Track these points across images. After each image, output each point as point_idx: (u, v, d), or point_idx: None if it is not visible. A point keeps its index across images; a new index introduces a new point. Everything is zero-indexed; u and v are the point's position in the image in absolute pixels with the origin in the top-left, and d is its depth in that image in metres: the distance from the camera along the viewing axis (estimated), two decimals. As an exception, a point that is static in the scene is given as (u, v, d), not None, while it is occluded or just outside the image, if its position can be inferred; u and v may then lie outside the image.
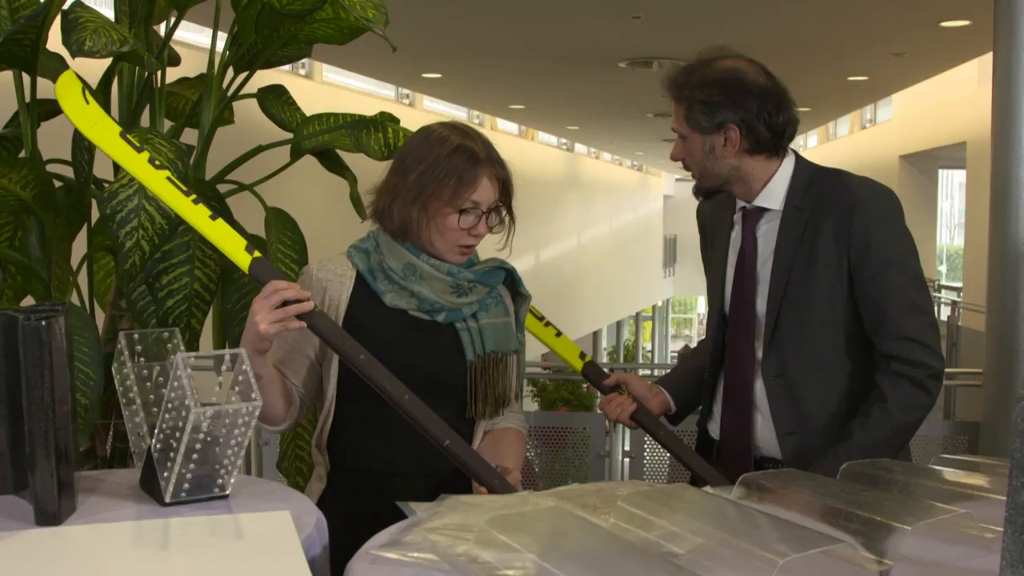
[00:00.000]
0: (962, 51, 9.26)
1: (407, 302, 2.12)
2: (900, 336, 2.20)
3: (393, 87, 13.44)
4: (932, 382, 2.21)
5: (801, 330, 2.26)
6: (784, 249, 2.29)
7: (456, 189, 2.06)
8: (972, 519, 1.52)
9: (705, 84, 2.29)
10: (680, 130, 2.33)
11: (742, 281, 2.36)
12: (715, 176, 2.35)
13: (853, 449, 2.15)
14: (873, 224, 2.21)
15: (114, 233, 2.41)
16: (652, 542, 1.42)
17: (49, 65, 2.92)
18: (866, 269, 2.21)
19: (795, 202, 2.30)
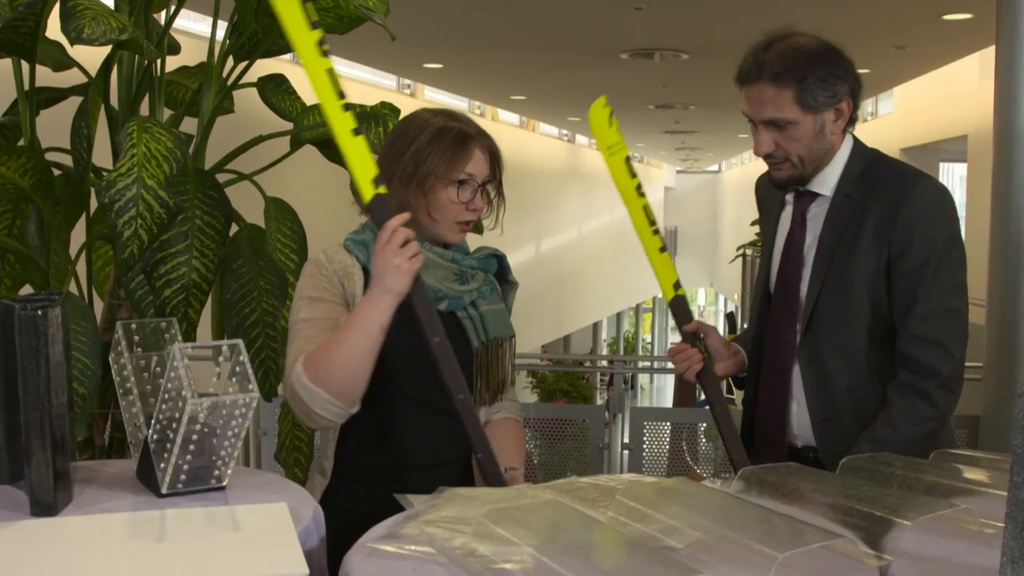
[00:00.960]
0: (964, 44, 9.23)
1: None
2: (920, 337, 2.16)
3: (394, 77, 13.41)
4: (941, 393, 2.15)
5: (838, 317, 2.23)
6: (829, 235, 2.25)
7: (451, 161, 2.07)
8: (972, 514, 1.51)
9: (815, 58, 2.19)
10: (784, 116, 2.20)
11: (788, 263, 2.33)
12: (818, 159, 2.26)
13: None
14: (919, 219, 2.16)
15: (112, 222, 2.40)
16: (650, 536, 1.42)
17: (48, 52, 2.91)
18: (905, 264, 2.17)
19: (846, 189, 2.26)
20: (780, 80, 2.17)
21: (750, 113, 2.25)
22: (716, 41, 8.52)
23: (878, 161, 2.29)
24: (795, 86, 2.16)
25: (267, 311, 2.67)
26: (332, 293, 2.06)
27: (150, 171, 2.43)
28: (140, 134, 2.50)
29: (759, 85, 2.20)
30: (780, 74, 2.17)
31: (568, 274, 20.50)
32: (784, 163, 2.26)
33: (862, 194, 2.23)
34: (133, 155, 2.44)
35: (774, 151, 2.24)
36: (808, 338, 2.26)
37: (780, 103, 2.18)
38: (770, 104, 2.19)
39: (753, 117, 2.24)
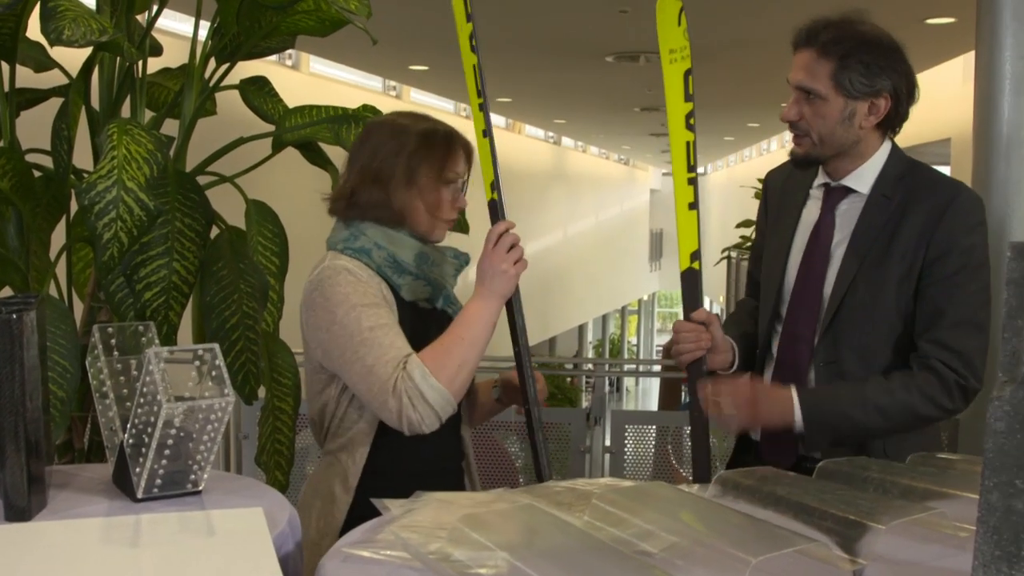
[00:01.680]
0: (947, 48, 9.29)
1: (420, 292, 2.15)
2: (945, 345, 2.13)
3: (380, 79, 13.41)
4: (958, 392, 2.14)
5: (862, 319, 2.19)
6: (864, 233, 2.20)
7: (444, 162, 2.14)
8: (946, 518, 1.52)
9: (867, 44, 2.16)
10: (817, 88, 2.17)
11: (813, 260, 2.27)
12: (838, 145, 2.21)
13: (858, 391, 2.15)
14: (962, 229, 2.14)
15: (92, 224, 2.39)
16: (625, 541, 1.42)
17: (30, 53, 2.90)
18: (940, 270, 2.14)
19: (883, 189, 2.22)
20: (826, 51, 2.16)
21: (790, 78, 2.23)
22: (701, 44, 8.55)
23: (918, 167, 2.27)
24: (836, 62, 2.14)
25: (248, 314, 2.66)
26: (381, 298, 2.07)
27: (130, 173, 2.43)
28: (121, 136, 2.49)
29: (807, 51, 2.19)
30: (826, 45, 2.16)
31: (554, 276, 20.51)
32: (804, 138, 2.23)
33: (902, 196, 2.19)
34: (114, 157, 2.44)
35: (798, 122, 2.22)
36: (828, 338, 2.22)
37: (816, 73, 2.16)
38: (806, 71, 2.18)
39: (791, 82, 2.22)
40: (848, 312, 2.19)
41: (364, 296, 2.05)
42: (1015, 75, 3.21)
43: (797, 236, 2.33)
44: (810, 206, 2.33)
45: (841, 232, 2.25)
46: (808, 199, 2.34)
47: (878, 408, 2.13)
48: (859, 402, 2.14)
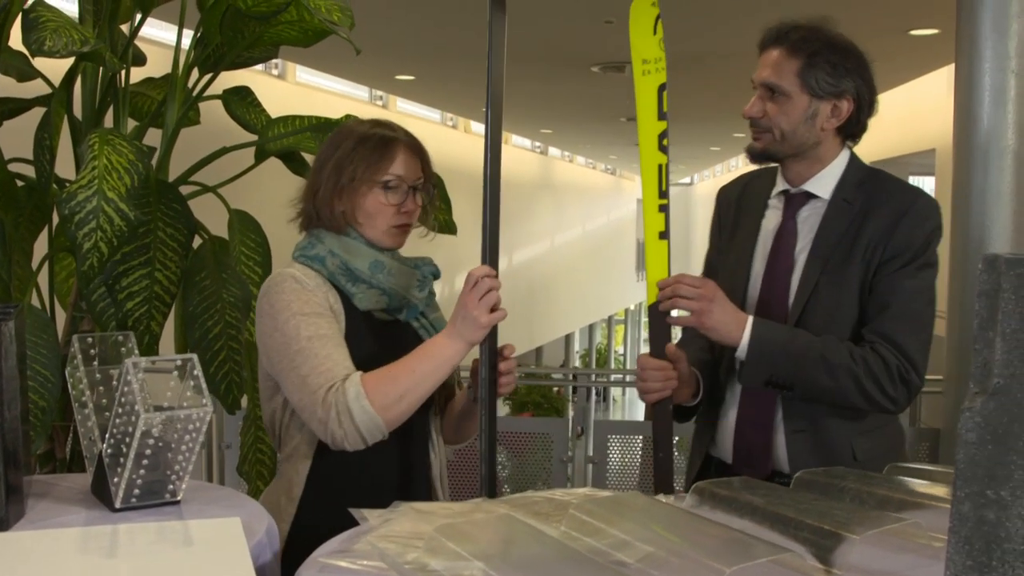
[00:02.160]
0: (931, 59, 9.34)
1: (376, 301, 2.08)
2: (888, 337, 2.15)
3: (367, 88, 13.41)
4: (901, 383, 2.15)
5: (826, 322, 2.20)
6: (826, 238, 2.23)
7: (375, 164, 2.07)
8: (921, 528, 1.53)
9: (834, 45, 2.20)
10: (782, 85, 2.19)
11: (776, 267, 2.28)
12: (798, 144, 2.23)
13: (811, 339, 2.15)
14: (918, 231, 2.18)
15: (72, 234, 2.39)
16: (601, 551, 1.42)
17: (12, 63, 2.90)
18: (889, 267, 2.17)
19: (844, 194, 2.24)
20: (794, 49, 2.19)
21: (755, 76, 2.25)
22: (686, 54, 8.57)
23: (878, 173, 2.30)
24: (804, 60, 2.18)
25: (230, 324, 2.66)
26: (324, 307, 2.03)
27: (111, 183, 2.43)
28: (102, 146, 2.49)
29: (774, 50, 2.22)
30: (795, 43, 2.19)
31: (540, 286, 20.53)
32: (765, 134, 2.24)
33: (863, 201, 2.22)
34: (94, 167, 2.44)
35: (760, 119, 2.24)
36: None
37: (783, 70, 2.19)
38: (774, 68, 2.21)
39: (756, 79, 2.25)
40: (812, 317, 2.20)
41: (306, 305, 2.01)
42: (994, 86, 3.24)
43: (758, 246, 2.33)
44: (769, 215, 2.34)
45: (804, 238, 2.27)
46: (767, 209, 2.35)
47: (824, 359, 2.13)
48: (807, 348, 2.14)
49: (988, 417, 1.18)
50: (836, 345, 2.15)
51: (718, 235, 2.49)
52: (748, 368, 2.17)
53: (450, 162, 17.17)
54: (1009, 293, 1.17)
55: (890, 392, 2.14)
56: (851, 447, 2.22)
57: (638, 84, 2.19)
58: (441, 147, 17.09)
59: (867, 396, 2.14)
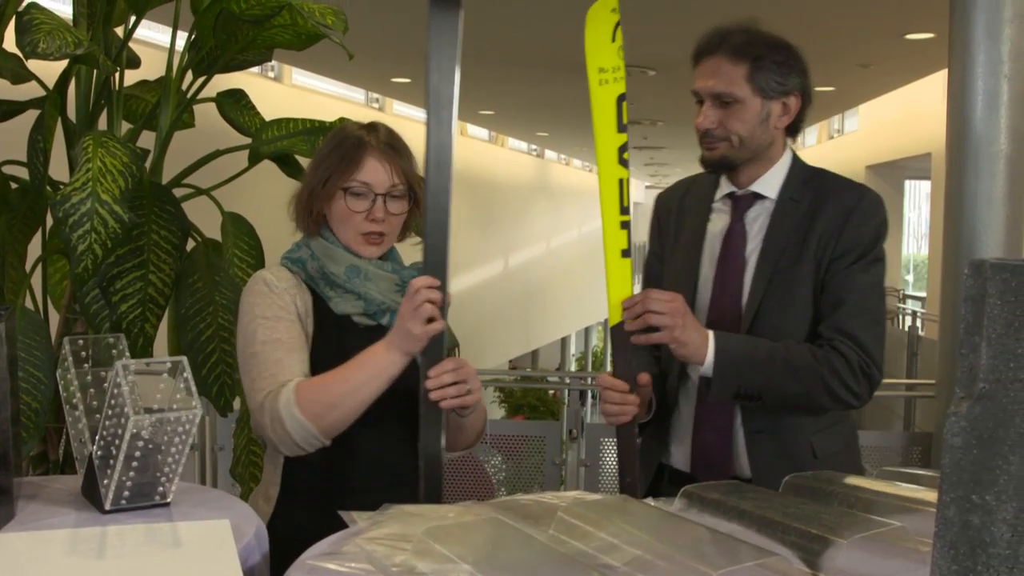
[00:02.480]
0: (927, 63, 9.36)
1: (353, 306, 2.06)
2: (845, 332, 2.15)
3: (363, 91, 13.42)
4: (863, 377, 2.14)
5: (781, 321, 2.19)
6: (776, 238, 2.22)
7: (343, 169, 2.04)
8: (908, 533, 1.53)
9: (775, 45, 2.19)
10: (734, 92, 2.16)
11: (728, 270, 2.26)
12: (755, 148, 2.22)
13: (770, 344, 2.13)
14: (866, 228, 2.18)
15: (66, 236, 2.39)
16: (588, 554, 1.43)
17: (7, 65, 2.90)
18: (841, 264, 2.17)
19: (791, 193, 2.24)
20: (738, 55, 2.16)
21: (698, 87, 2.21)
22: (683, 58, 8.53)
23: (821, 172, 2.30)
24: (750, 63, 2.16)
25: (223, 326, 2.67)
26: (287, 311, 2.02)
27: (105, 185, 2.43)
28: (96, 148, 2.49)
29: (716, 58, 2.18)
30: (739, 48, 2.16)
31: (537, 289, 20.55)
32: (721, 143, 2.21)
33: (811, 200, 2.22)
34: (88, 169, 2.44)
35: (714, 129, 2.20)
36: None
37: (733, 78, 2.16)
38: (722, 78, 2.17)
39: (702, 91, 2.20)
40: (767, 317, 2.19)
41: (268, 308, 2.02)
42: (987, 91, 3.25)
43: (705, 250, 2.31)
44: (715, 219, 2.32)
45: (753, 239, 2.25)
46: (712, 212, 2.33)
47: (787, 363, 2.12)
48: (770, 356, 2.12)
49: (974, 422, 1.18)
50: (797, 348, 2.15)
51: (659, 242, 2.46)
52: (717, 383, 2.13)
53: (446, 165, 17.13)
54: (995, 298, 1.18)
55: (854, 388, 2.14)
56: (811, 446, 2.22)
57: (594, 94, 2.09)
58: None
59: (833, 395, 2.14)
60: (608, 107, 2.07)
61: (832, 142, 19.27)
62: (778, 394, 2.14)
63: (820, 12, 7.26)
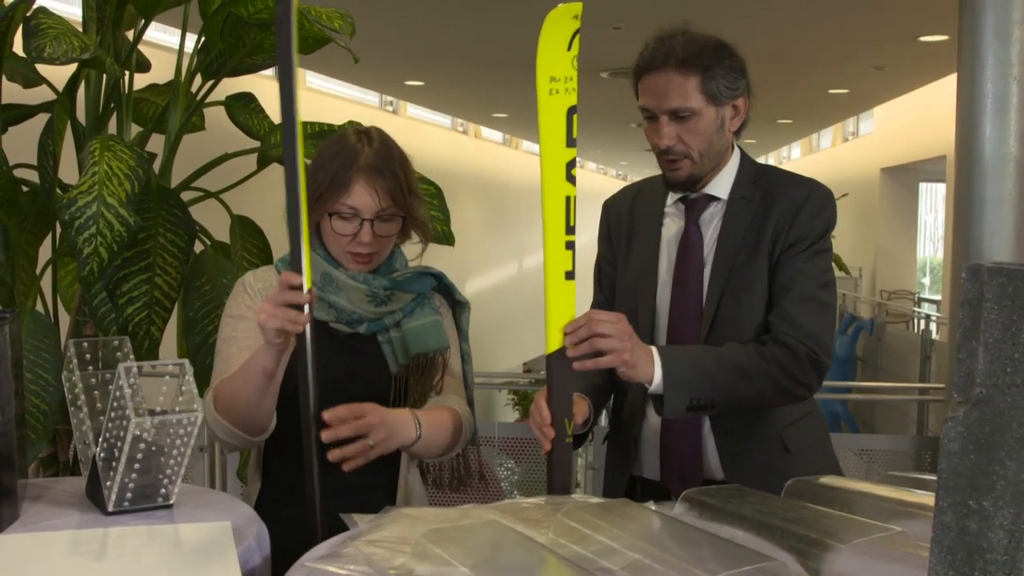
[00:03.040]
0: (941, 65, 9.33)
1: (326, 313, 2.05)
2: (792, 319, 2.11)
3: (377, 94, 13.46)
4: (811, 366, 2.10)
5: (740, 318, 2.16)
6: (730, 238, 2.18)
7: (328, 191, 2.00)
8: (908, 537, 1.53)
9: (719, 49, 2.12)
10: (689, 106, 2.10)
11: (686, 274, 2.21)
12: (715, 156, 2.18)
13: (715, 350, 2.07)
14: (815, 220, 2.16)
15: (72, 239, 2.41)
16: (587, 558, 1.42)
17: (19, 70, 2.92)
18: (789, 254, 2.15)
19: (742, 191, 2.21)
20: (686, 67, 2.09)
21: (650, 104, 2.13)
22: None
23: (770, 169, 2.28)
24: (701, 74, 2.09)
25: (230, 329, 2.68)
26: (254, 312, 1.99)
27: (111, 189, 2.45)
28: (102, 152, 2.51)
29: (663, 73, 2.10)
30: (687, 60, 2.09)
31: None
32: (683, 160, 2.16)
33: (761, 196, 2.20)
34: (95, 173, 2.46)
35: (674, 146, 2.14)
36: (711, 343, 2.15)
37: (685, 91, 2.09)
38: (675, 93, 2.10)
39: (654, 108, 2.12)
40: (726, 316, 2.16)
41: (236, 307, 2.06)
42: (996, 94, 3.22)
43: (662, 256, 2.26)
44: (668, 223, 2.27)
45: (708, 240, 2.22)
46: (665, 217, 2.28)
47: (737, 366, 2.06)
48: (717, 361, 2.06)
49: (971, 427, 1.18)
50: (744, 351, 2.09)
51: (609, 248, 2.42)
52: (668, 400, 2.03)
53: (459, 167, 17.21)
54: (991, 303, 1.17)
55: (803, 380, 2.10)
56: (781, 440, 2.19)
57: (543, 104, 1.94)
58: (450, 152, 17.13)
59: (784, 391, 2.10)
60: (557, 119, 1.95)
61: (847, 144, 19.23)
62: (730, 400, 2.08)
63: (833, 15, 7.24)
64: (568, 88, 1.94)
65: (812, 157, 22.39)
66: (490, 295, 17.24)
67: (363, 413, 1.88)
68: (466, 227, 18.35)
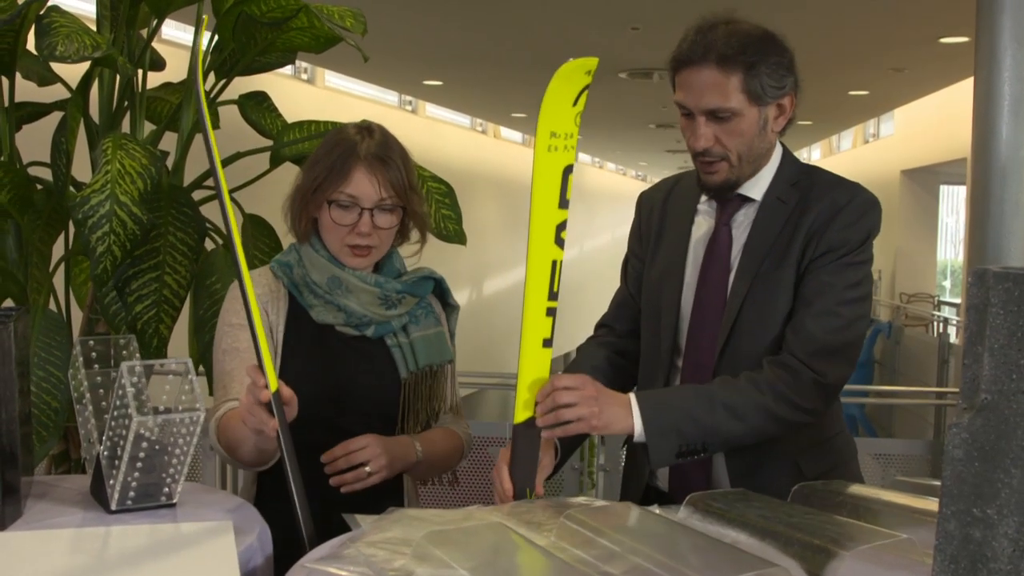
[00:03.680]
0: (961, 67, 9.26)
1: (334, 317, 2.03)
2: (808, 336, 1.95)
3: (396, 94, 13.47)
4: (814, 389, 1.93)
5: (758, 332, 2.01)
6: (759, 241, 2.03)
7: (327, 178, 1.98)
8: (913, 545, 1.51)
9: (765, 43, 1.96)
10: (729, 106, 1.94)
11: (711, 277, 2.08)
12: (755, 159, 2.02)
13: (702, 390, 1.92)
14: (853, 229, 1.99)
15: (85, 238, 2.41)
16: (588, 562, 1.42)
17: (34, 68, 2.93)
18: (818, 263, 1.99)
19: (778, 193, 2.05)
20: (728, 64, 1.92)
21: (687, 102, 1.98)
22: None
23: (815, 171, 2.11)
24: (743, 72, 1.93)
25: (241, 328, 2.68)
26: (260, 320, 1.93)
27: (124, 187, 2.45)
28: (115, 150, 2.51)
29: (702, 69, 1.94)
30: (729, 57, 1.92)
31: (570, 291, 20.46)
32: (720, 163, 2.01)
33: (798, 199, 2.04)
34: (107, 171, 2.46)
35: (712, 147, 1.99)
36: (727, 353, 2.03)
37: (726, 91, 1.93)
38: (714, 92, 1.94)
39: (691, 106, 1.97)
40: (747, 326, 2.01)
41: (235, 315, 2.00)
42: (1013, 97, 3.21)
43: (690, 256, 2.13)
44: (699, 222, 2.14)
45: (738, 243, 2.07)
46: (696, 215, 2.14)
47: (727, 406, 1.90)
48: (704, 401, 1.90)
49: (975, 434, 1.16)
50: (736, 385, 1.94)
51: (638, 243, 2.29)
52: (654, 448, 1.89)
53: (478, 167, 17.21)
54: (997, 308, 1.16)
55: (805, 406, 1.94)
56: (796, 465, 2.05)
57: (539, 160, 1.82)
58: (469, 152, 17.12)
59: (783, 422, 1.94)
60: (552, 178, 1.83)
61: (867, 146, 19.14)
62: (723, 440, 1.93)
63: (853, 16, 7.21)
64: (568, 145, 1.85)
65: (832, 159, 22.30)
66: (508, 294, 17.22)
67: (362, 446, 1.92)
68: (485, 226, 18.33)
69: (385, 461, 1.93)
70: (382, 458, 1.93)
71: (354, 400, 2.03)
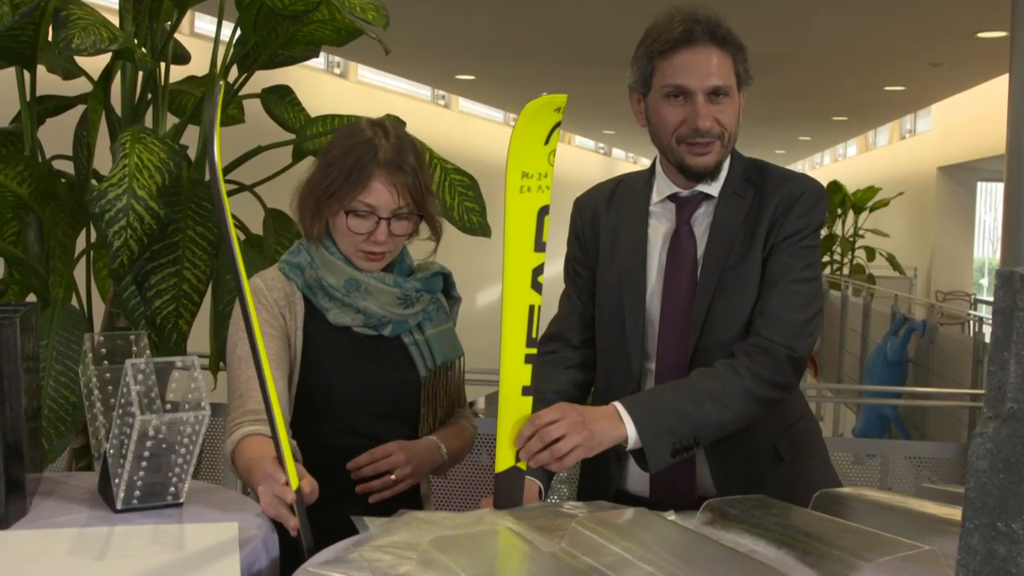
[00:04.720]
0: (999, 62, 9.11)
1: (352, 318, 1.99)
2: (774, 316, 1.98)
3: (429, 88, 13.46)
4: (789, 364, 1.97)
5: (730, 324, 2.02)
6: (722, 235, 2.04)
7: (344, 187, 1.91)
8: (937, 557, 1.46)
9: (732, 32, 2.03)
10: (728, 84, 1.99)
11: (677, 276, 2.07)
12: (732, 145, 2.06)
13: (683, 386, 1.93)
14: (809, 216, 2.04)
15: (103, 232, 2.40)
16: (597, 570, 1.38)
17: (58, 61, 2.92)
18: (782, 247, 2.03)
19: (734, 188, 2.07)
20: (725, 44, 1.98)
21: (688, 82, 1.98)
22: (751, 54, 8.48)
23: (765, 165, 2.13)
24: (734, 54, 2.00)
25: (261, 323, 2.65)
26: (272, 326, 1.94)
27: (141, 181, 2.43)
28: (133, 144, 2.50)
29: (704, 48, 1.97)
30: (726, 39, 1.98)
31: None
32: (715, 143, 2.01)
33: (753, 193, 2.07)
34: (125, 165, 2.45)
35: (711, 127, 2.00)
36: (700, 351, 2.03)
37: (725, 70, 1.98)
38: (719, 69, 1.97)
39: (693, 86, 1.97)
40: (718, 320, 2.02)
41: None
42: (1050, 93, 3.14)
43: (651, 258, 2.11)
44: (655, 224, 2.13)
45: (701, 241, 2.08)
46: (650, 217, 2.13)
47: (712, 397, 1.91)
48: (690, 396, 1.91)
49: (1000, 444, 1.11)
50: (713, 375, 1.95)
51: (581, 250, 2.26)
52: (651, 452, 1.87)
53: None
54: (1024, 312, 1.11)
55: (781, 381, 1.97)
56: (774, 449, 2.08)
57: (511, 202, 1.76)
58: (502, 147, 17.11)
59: (765, 401, 1.96)
60: (526, 219, 1.78)
61: (904, 143, 18.94)
62: (713, 430, 1.93)
63: (889, 11, 7.11)
64: (542, 186, 1.79)
65: (868, 155, 22.10)
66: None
67: (388, 454, 1.93)
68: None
69: (411, 469, 1.94)
70: (407, 467, 1.93)
71: (375, 401, 2.00)
